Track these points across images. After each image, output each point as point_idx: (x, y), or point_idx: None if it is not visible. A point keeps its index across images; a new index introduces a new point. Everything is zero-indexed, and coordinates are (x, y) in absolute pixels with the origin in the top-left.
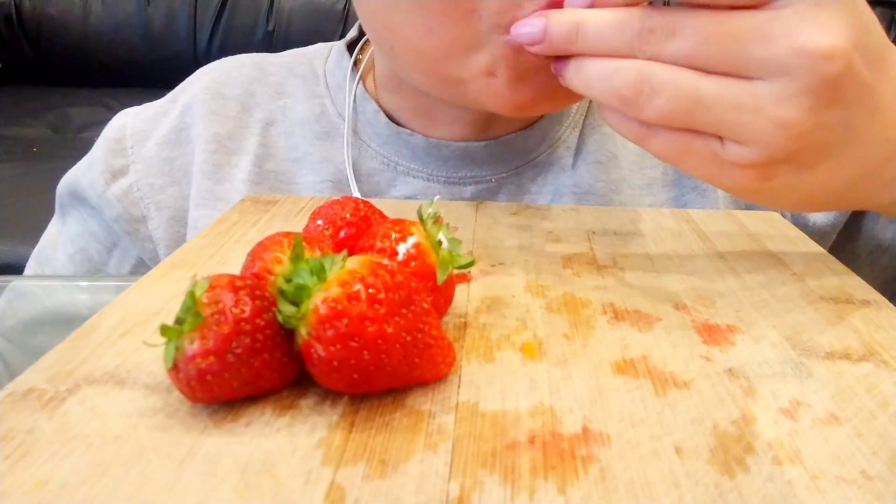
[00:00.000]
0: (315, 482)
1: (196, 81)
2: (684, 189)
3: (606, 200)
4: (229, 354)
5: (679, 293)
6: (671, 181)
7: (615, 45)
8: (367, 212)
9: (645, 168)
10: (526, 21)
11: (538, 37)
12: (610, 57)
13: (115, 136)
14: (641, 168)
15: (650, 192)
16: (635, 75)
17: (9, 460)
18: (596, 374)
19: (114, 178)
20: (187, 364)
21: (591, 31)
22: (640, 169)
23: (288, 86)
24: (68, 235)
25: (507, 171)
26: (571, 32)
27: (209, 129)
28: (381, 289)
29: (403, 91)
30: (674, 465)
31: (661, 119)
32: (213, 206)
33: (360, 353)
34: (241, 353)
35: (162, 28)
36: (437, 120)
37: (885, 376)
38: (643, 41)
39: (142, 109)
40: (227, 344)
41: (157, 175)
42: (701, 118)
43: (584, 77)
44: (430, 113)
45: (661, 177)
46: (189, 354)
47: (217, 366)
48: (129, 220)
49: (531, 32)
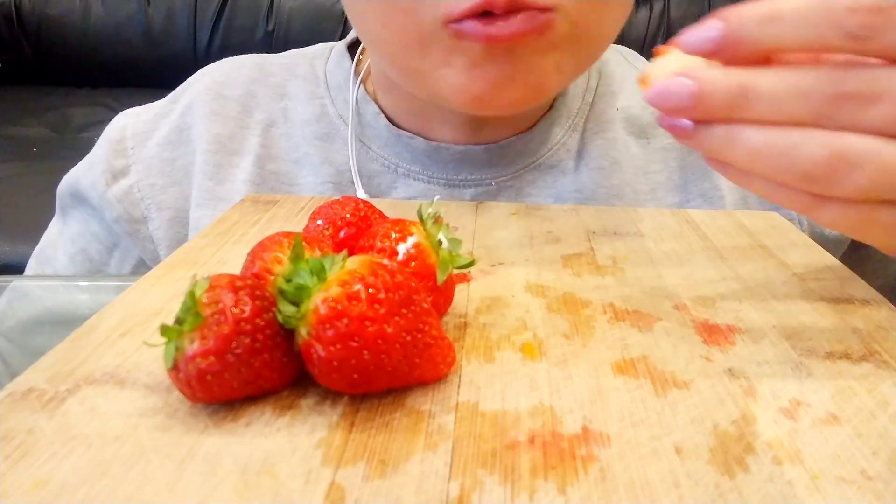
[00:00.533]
0: (315, 482)
1: (196, 82)
2: (690, 195)
3: (609, 206)
4: (229, 354)
5: (679, 293)
6: (676, 186)
7: (796, 115)
8: (367, 212)
9: (650, 173)
10: (671, 85)
11: (687, 102)
12: (781, 125)
13: (116, 136)
14: (645, 174)
15: (654, 197)
16: (828, 151)
17: (9, 460)
18: (596, 374)
19: (114, 178)
20: (187, 364)
21: (766, 98)
22: (645, 174)
23: (289, 87)
24: (69, 235)
25: (508, 174)
26: (738, 99)
27: (210, 130)
28: (381, 289)
29: (396, 91)
30: (674, 465)
31: (854, 196)
32: (214, 206)
33: (360, 353)
34: (241, 353)
35: (162, 28)
36: (431, 121)
37: (885, 376)
38: (837, 109)
39: (142, 110)
40: (227, 344)
41: (158, 175)
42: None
43: (744, 149)
44: (423, 113)
45: (665, 181)
46: (189, 354)
47: (217, 366)
48: (130, 221)
49: (678, 98)
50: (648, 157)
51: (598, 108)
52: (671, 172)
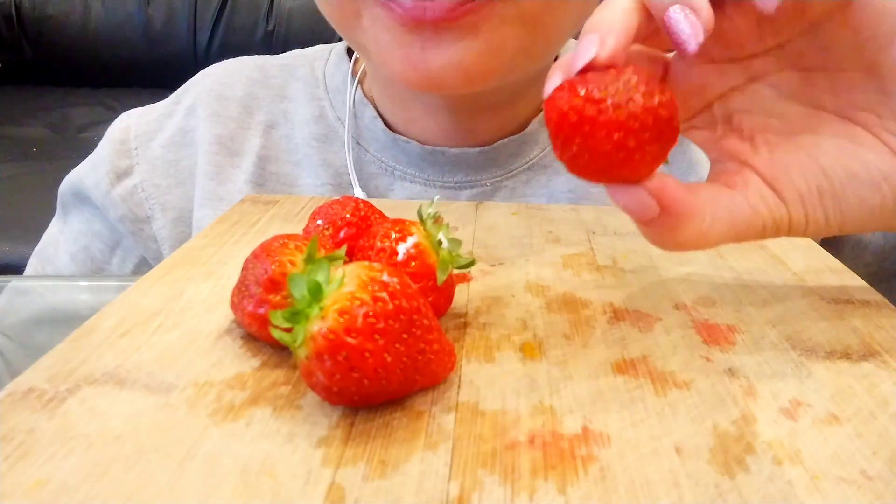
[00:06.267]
0: (315, 482)
1: (199, 83)
2: None
3: (606, 205)
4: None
5: (679, 293)
6: None
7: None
8: (367, 212)
9: None
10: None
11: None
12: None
13: (120, 137)
14: None
15: None
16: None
17: (9, 460)
18: (596, 374)
19: (118, 178)
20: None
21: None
22: None
23: (289, 89)
24: (71, 234)
25: (503, 174)
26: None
27: (212, 131)
28: (380, 317)
29: (388, 93)
30: (674, 465)
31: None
32: (216, 206)
33: (361, 382)
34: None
35: (162, 28)
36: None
37: (885, 376)
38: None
39: (145, 111)
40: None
41: (163, 176)
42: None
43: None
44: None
45: None
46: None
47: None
48: (134, 220)
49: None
50: None
51: None
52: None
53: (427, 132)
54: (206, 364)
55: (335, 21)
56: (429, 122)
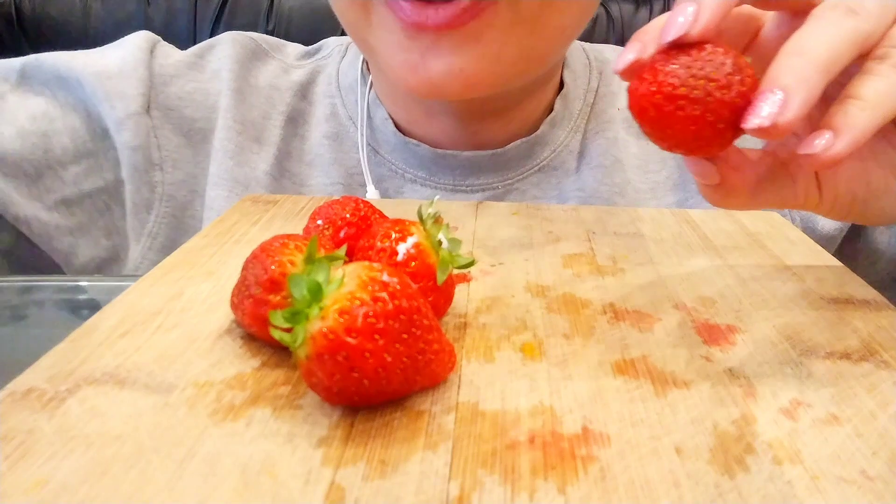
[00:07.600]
0: (315, 482)
1: (226, 46)
2: (689, 193)
3: (611, 204)
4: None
5: (679, 293)
6: (675, 185)
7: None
8: (367, 212)
9: (649, 173)
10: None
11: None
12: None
13: (143, 57)
14: (645, 173)
15: (654, 196)
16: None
17: (9, 460)
18: (596, 374)
19: (143, 108)
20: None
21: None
22: (644, 174)
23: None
24: (28, 111)
25: (514, 177)
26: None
27: (237, 108)
28: (380, 317)
29: (394, 96)
30: (674, 465)
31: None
32: (231, 188)
33: (361, 382)
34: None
35: (162, 28)
36: (429, 126)
37: (885, 376)
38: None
39: (170, 49)
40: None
41: (175, 133)
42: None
43: (872, 96)
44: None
45: (664, 181)
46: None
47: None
48: (147, 159)
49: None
50: (647, 157)
51: (598, 109)
52: (670, 171)
53: (434, 135)
54: (206, 364)
55: (347, 21)
56: (433, 126)
